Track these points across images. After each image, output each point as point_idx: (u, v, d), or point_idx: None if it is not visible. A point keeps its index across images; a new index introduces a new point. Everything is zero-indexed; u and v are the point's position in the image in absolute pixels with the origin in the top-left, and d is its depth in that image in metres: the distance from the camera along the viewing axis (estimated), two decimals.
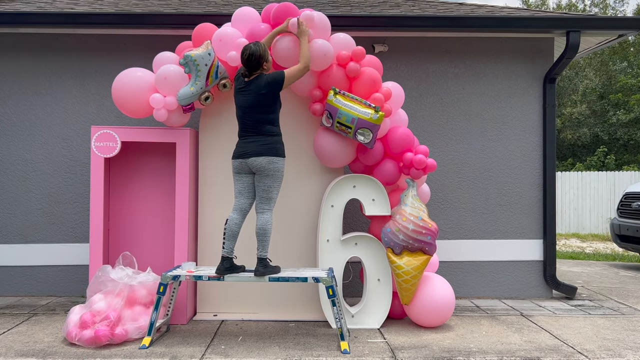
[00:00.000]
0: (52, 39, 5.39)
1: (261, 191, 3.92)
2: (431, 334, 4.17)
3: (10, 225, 5.37)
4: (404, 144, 4.40)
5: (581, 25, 5.24)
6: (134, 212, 4.75)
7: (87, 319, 3.78)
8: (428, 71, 5.55)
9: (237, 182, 4.00)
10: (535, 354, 3.70)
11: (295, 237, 4.72)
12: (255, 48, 3.87)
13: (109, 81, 5.03)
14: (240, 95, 3.94)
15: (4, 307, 4.89)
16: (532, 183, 5.55)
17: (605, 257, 9.38)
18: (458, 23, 5.22)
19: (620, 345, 3.93)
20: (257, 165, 3.86)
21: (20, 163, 5.39)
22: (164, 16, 5.12)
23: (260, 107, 3.87)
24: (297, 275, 3.88)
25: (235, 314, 4.66)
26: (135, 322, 3.90)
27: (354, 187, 4.48)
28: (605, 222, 13.52)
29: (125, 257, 4.27)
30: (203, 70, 4.18)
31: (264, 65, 3.93)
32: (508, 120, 5.56)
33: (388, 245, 4.28)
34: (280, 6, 4.28)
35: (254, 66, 3.89)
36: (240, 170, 3.96)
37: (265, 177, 3.89)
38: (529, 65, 5.57)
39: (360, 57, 4.36)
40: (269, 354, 3.65)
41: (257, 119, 3.88)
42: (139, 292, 4.01)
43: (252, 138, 3.89)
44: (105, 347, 3.74)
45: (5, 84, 5.41)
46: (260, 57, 3.88)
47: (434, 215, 5.46)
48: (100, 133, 4.37)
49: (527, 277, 5.51)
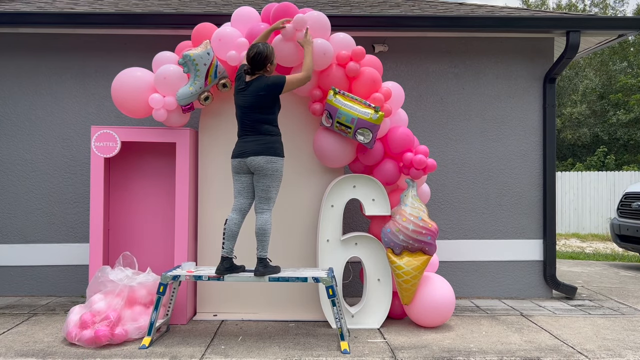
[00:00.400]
0: (52, 39, 5.39)
1: (260, 191, 3.92)
2: (431, 334, 4.17)
3: (10, 225, 5.37)
4: (404, 144, 4.40)
5: (581, 25, 5.24)
6: (134, 212, 4.74)
7: (87, 319, 3.78)
8: (428, 71, 5.55)
9: (236, 182, 4.00)
10: (535, 354, 3.70)
11: (295, 237, 4.72)
12: (263, 48, 3.87)
13: (109, 81, 5.03)
14: (240, 95, 3.94)
15: (4, 307, 4.89)
16: (532, 183, 5.54)
17: (605, 257, 9.38)
18: (458, 23, 5.22)
19: (620, 345, 3.93)
20: (256, 165, 3.86)
21: (20, 163, 5.39)
22: (163, 16, 5.12)
23: (259, 108, 3.87)
24: (297, 275, 3.88)
25: (235, 314, 4.66)
26: (135, 322, 3.90)
27: (354, 187, 4.48)
28: (605, 222, 13.52)
29: (125, 257, 4.27)
30: (202, 70, 4.18)
31: (268, 67, 3.92)
32: (508, 120, 5.56)
33: (388, 246, 4.28)
34: (280, 6, 4.28)
35: (258, 65, 3.88)
36: (239, 170, 3.96)
37: (263, 177, 3.88)
38: (529, 65, 5.57)
39: (360, 57, 4.36)
40: (269, 354, 3.65)
41: (256, 119, 3.88)
42: (138, 292, 4.01)
43: (250, 137, 3.89)
44: (105, 347, 3.74)
45: (5, 84, 5.41)
46: (266, 58, 3.88)
47: (434, 215, 5.46)
48: (100, 133, 4.37)
49: (527, 277, 5.51)
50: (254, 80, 3.91)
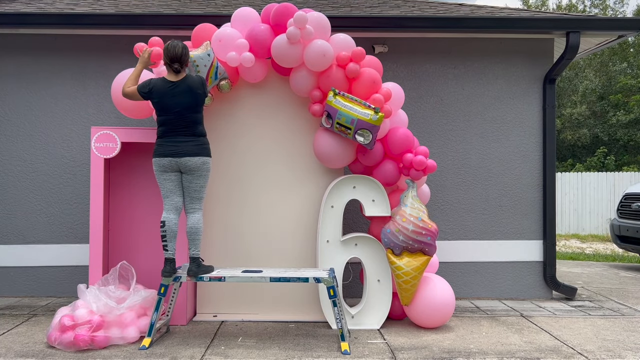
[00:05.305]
0: (52, 39, 5.39)
1: (193, 191, 3.92)
2: (431, 335, 4.17)
3: (10, 225, 5.37)
4: (404, 144, 4.40)
5: (581, 26, 5.24)
6: (134, 213, 4.74)
7: (66, 322, 3.71)
8: (428, 72, 5.55)
9: (166, 182, 3.91)
10: (535, 354, 3.70)
11: (295, 237, 4.72)
12: (181, 43, 3.87)
13: (109, 82, 5.03)
14: (170, 96, 3.82)
15: (4, 308, 4.89)
16: (532, 184, 5.54)
17: (605, 257, 9.38)
18: (458, 24, 5.22)
19: (620, 346, 3.93)
20: (192, 165, 3.84)
21: (20, 163, 5.39)
22: (163, 17, 5.12)
23: (194, 107, 3.85)
24: (298, 276, 3.87)
25: (235, 314, 4.65)
26: (122, 329, 3.82)
27: (354, 188, 4.48)
28: (605, 223, 13.52)
29: (123, 267, 4.14)
30: (202, 72, 4.18)
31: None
32: (508, 121, 5.56)
33: (388, 246, 4.28)
34: (280, 7, 4.28)
35: (186, 62, 3.87)
36: (169, 169, 3.88)
37: (198, 177, 3.89)
38: (529, 65, 5.57)
39: (360, 58, 4.36)
40: (268, 355, 3.64)
41: (191, 120, 3.86)
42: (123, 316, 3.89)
43: (183, 138, 3.84)
44: (104, 349, 3.73)
45: (5, 84, 5.41)
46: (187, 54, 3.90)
47: (433, 216, 5.46)
48: (100, 134, 4.37)
49: (527, 277, 5.51)
50: (183, 80, 3.86)
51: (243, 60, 4.29)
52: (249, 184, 4.70)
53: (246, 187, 4.70)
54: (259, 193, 4.70)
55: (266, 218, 4.69)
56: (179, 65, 3.83)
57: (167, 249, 3.86)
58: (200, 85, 3.87)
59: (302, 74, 4.39)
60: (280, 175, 4.72)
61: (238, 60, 4.28)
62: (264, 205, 4.70)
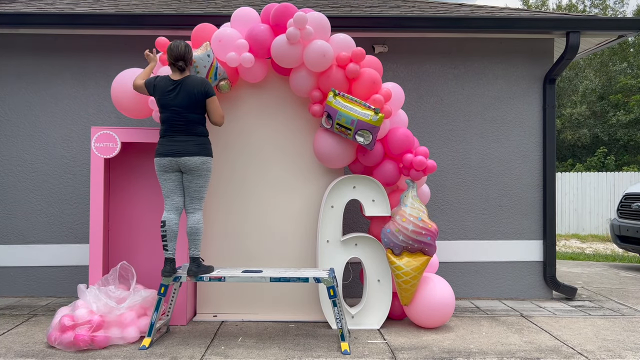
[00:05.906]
0: (52, 39, 5.39)
1: (193, 191, 3.91)
2: (431, 335, 4.17)
3: (10, 225, 5.37)
4: (404, 145, 4.40)
5: (581, 26, 5.24)
6: (134, 213, 4.74)
7: (66, 322, 3.71)
8: (428, 72, 5.55)
9: (167, 182, 3.91)
10: (535, 354, 3.70)
11: (295, 237, 4.72)
12: (183, 42, 3.89)
13: (109, 82, 5.03)
14: (170, 96, 3.84)
15: (4, 308, 4.89)
16: (532, 184, 5.55)
17: (605, 257, 9.38)
18: (458, 24, 5.22)
19: (620, 346, 3.93)
20: (191, 165, 3.84)
21: (20, 163, 5.39)
22: (163, 17, 5.12)
23: (194, 107, 3.85)
24: (298, 276, 3.87)
25: (235, 314, 4.65)
26: (122, 329, 3.82)
27: (354, 188, 4.48)
28: (605, 223, 13.52)
29: (123, 267, 4.13)
30: (202, 72, 4.18)
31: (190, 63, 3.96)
32: (508, 121, 5.56)
33: (388, 246, 4.28)
34: (280, 7, 4.28)
35: (188, 62, 3.89)
36: (169, 169, 3.88)
37: (198, 177, 3.89)
38: (529, 65, 5.57)
39: (360, 58, 4.36)
40: (268, 355, 3.64)
41: (191, 119, 3.86)
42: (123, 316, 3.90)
43: (183, 137, 3.85)
44: (104, 349, 3.73)
45: (5, 84, 5.41)
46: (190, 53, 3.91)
47: (433, 216, 5.46)
48: (100, 134, 4.37)
49: (527, 278, 5.51)
50: (184, 79, 3.87)
51: (243, 61, 4.29)
52: (249, 184, 4.71)
53: (246, 187, 4.70)
54: (259, 193, 4.70)
55: (266, 218, 4.70)
56: (183, 63, 3.86)
57: (167, 249, 3.87)
58: (199, 85, 3.86)
59: (302, 74, 4.39)
60: (280, 175, 4.72)
61: (238, 60, 4.28)
62: (264, 205, 4.70)
